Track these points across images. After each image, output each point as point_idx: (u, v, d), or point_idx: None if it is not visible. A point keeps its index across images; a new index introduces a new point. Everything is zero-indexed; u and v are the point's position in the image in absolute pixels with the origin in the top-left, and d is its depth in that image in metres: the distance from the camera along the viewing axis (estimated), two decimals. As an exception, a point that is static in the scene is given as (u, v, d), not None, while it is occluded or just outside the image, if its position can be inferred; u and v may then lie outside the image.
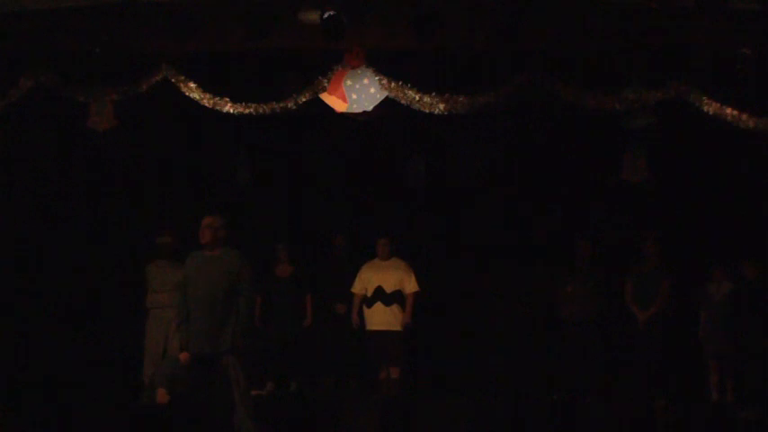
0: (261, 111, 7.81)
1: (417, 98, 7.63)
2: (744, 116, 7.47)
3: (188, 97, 7.78)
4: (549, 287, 8.76)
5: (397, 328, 8.36)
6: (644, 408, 7.84)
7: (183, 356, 6.26)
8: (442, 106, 7.64)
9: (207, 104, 7.79)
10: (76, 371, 8.54)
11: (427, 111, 7.68)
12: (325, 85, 7.76)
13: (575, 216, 9.12)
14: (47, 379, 8.36)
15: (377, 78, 7.69)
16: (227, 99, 7.76)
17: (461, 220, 9.35)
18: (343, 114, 7.91)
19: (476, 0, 7.49)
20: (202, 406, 6.18)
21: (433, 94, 7.62)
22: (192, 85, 7.77)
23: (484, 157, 9.26)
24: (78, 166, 9.13)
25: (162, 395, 7.86)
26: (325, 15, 7.09)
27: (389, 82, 7.66)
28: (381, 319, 8.38)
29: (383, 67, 7.68)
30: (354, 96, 7.75)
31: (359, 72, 7.73)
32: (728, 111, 7.48)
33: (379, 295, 8.38)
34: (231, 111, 7.78)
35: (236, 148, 9.24)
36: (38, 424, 7.16)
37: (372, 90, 7.73)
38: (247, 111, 7.79)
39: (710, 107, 7.52)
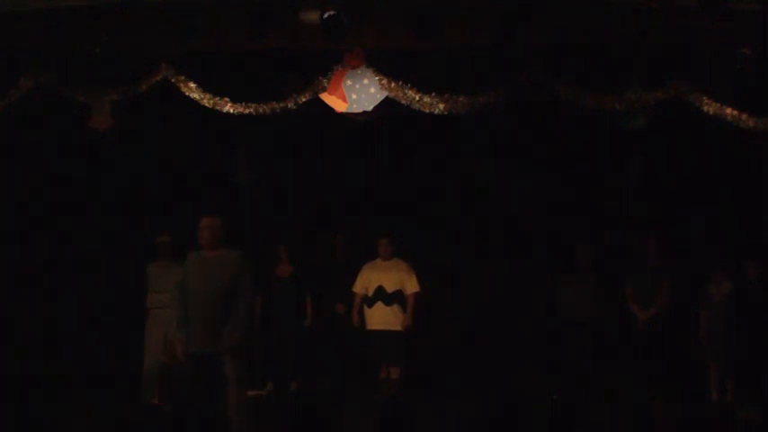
0: (261, 111, 7.82)
1: (417, 98, 7.65)
2: (744, 116, 7.49)
3: (188, 97, 7.79)
4: (549, 288, 8.76)
5: (398, 328, 8.36)
6: (644, 408, 7.84)
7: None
8: (441, 106, 7.65)
9: (207, 104, 7.81)
10: (76, 371, 8.55)
11: (427, 111, 7.69)
12: (325, 85, 7.77)
13: (574, 216, 9.12)
14: (46, 379, 8.36)
15: (377, 78, 7.70)
16: (227, 99, 7.78)
17: (461, 220, 9.35)
18: (343, 114, 7.91)
19: (476, 0, 7.50)
20: (201, 406, 6.18)
21: (433, 94, 7.63)
22: (192, 85, 7.79)
23: (484, 158, 9.26)
24: (78, 166, 9.13)
25: (156, 398, 7.94)
26: (325, 15, 7.10)
27: (389, 82, 7.67)
28: (382, 318, 8.37)
29: (383, 67, 7.69)
30: (354, 96, 7.76)
31: (359, 72, 7.75)
32: (728, 111, 7.50)
33: (380, 295, 8.37)
34: (231, 111, 7.80)
35: (236, 148, 9.25)
36: (38, 424, 7.15)
37: (372, 90, 7.74)
38: (247, 111, 7.81)
39: (710, 107, 7.53)
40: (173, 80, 7.77)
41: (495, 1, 7.35)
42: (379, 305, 8.37)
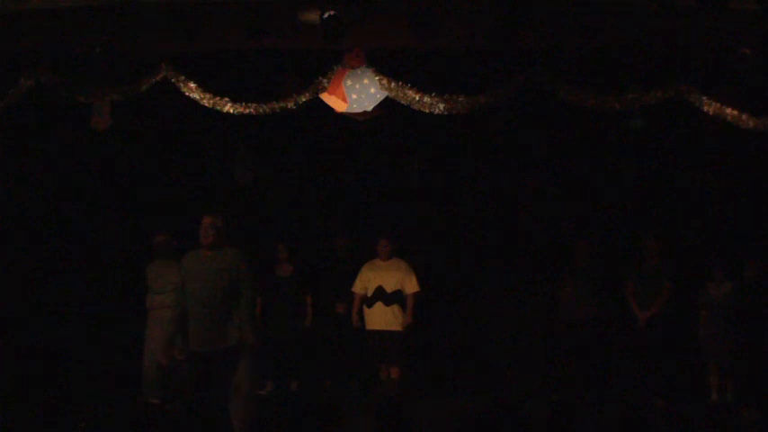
0: (261, 111, 7.82)
1: (417, 98, 7.65)
2: (744, 116, 7.49)
3: (188, 97, 7.79)
4: (549, 288, 8.76)
5: (398, 328, 8.36)
6: (644, 408, 7.84)
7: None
8: (441, 106, 7.65)
9: (207, 104, 7.81)
10: (77, 371, 8.55)
11: (427, 111, 7.69)
12: (325, 85, 7.77)
13: (574, 216, 9.12)
14: (47, 379, 8.36)
15: (377, 78, 7.70)
16: (227, 99, 7.78)
17: (461, 220, 9.35)
18: (343, 114, 7.91)
19: (476, 0, 7.49)
20: (201, 406, 6.18)
21: (433, 94, 7.63)
22: (192, 85, 7.78)
23: (483, 156, 9.26)
24: (78, 166, 9.12)
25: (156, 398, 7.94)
26: (325, 15, 7.09)
27: (389, 82, 7.67)
28: (381, 318, 8.37)
29: (383, 67, 7.69)
30: (354, 96, 7.76)
31: (359, 72, 7.75)
32: (728, 111, 7.50)
33: (380, 295, 8.37)
34: (231, 111, 7.80)
35: (236, 148, 9.25)
36: (38, 423, 7.16)
37: (372, 90, 7.74)
38: (247, 111, 7.81)
39: (710, 107, 7.54)
40: (173, 80, 7.77)
41: (495, 1, 7.35)
42: (379, 305, 8.37)
